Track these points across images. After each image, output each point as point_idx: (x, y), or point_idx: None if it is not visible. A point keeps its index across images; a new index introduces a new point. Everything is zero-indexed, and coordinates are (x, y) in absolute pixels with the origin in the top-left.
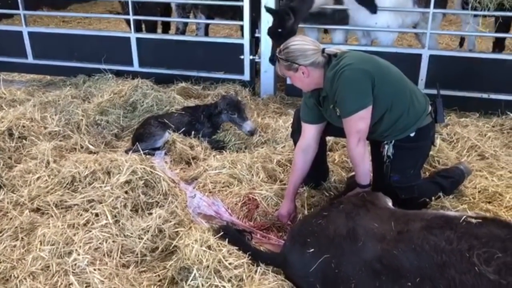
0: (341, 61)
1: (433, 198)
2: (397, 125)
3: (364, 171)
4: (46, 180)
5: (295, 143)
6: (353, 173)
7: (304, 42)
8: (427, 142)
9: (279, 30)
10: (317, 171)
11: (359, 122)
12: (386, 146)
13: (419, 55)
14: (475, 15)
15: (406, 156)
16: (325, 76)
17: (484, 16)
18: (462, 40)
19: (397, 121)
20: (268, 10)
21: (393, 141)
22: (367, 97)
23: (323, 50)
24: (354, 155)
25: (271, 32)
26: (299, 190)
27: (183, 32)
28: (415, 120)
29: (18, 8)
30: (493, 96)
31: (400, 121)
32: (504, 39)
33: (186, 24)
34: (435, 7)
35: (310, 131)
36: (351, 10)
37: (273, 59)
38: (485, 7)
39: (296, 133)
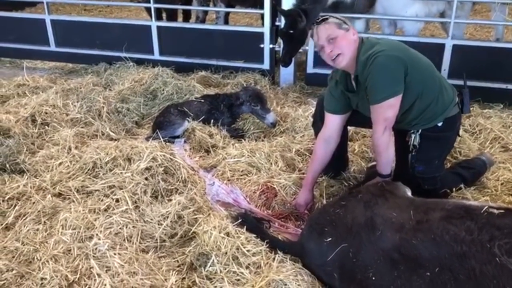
0: (375, 47)
1: (454, 189)
2: (426, 114)
3: (387, 161)
4: (68, 165)
5: (316, 133)
6: (373, 163)
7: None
8: (453, 133)
9: (291, 31)
10: (338, 161)
11: (388, 110)
12: (413, 136)
13: (442, 45)
14: (503, 3)
15: (432, 146)
16: (358, 59)
17: None
18: None
19: (426, 110)
20: (281, 11)
21: (419, 131)
22: (399, 84)
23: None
24: (379, 144)
25: (282, 33)
26: (318, 180)
27: (203, 21)
28: (443, 109)
29: None
30: None
31: (429, 110)
32: None
33: (206, 12)
34: None
35: (333, 121)
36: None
37: (284, 60)
38: None
39: (317, 123)
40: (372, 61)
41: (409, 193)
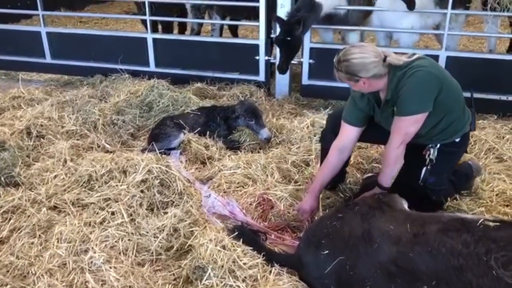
0: (415, 62)
1: (449, 199)
2: (449, 130)
3: (392, 174)
4: (63, 178)
5: (323, 148)
6: (369, 174)
7: (364, 55)
8: (465, 148)
9: (288, 38)
10: (338, 174)
11: (411, 125)
12: (432, 150)
13: (437, 56)
14: (495, 15)
15: (446, 160)
16: (392, 78)
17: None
18: None
19: (450, 126)
20: (277, 19)
21: (438, 145)
22: (429, 102)
23: (384, 59)
24: (391, 156)
25: (278, 40)
26: None
27: (198, 33)
28: (463, 125)
29: (37, 9)
30: None
31: (452, 127)
32: None
33: (201, 24)
34: (456, 7)
35: (351, 133)
36: (378, 11)
37: (281, 68)
38: (504, 8)
39: (325, 138)
40: (412, 74)
41: (405, 205)
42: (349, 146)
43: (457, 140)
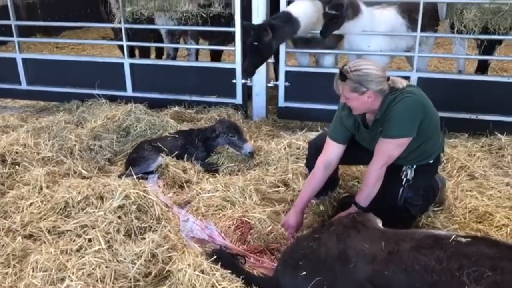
0: (406, 88)
1: (423, 216)
2: (425, 154)
3: (370, 194)
4: (39, 206)
5: (310, 170)
6: (345, 194)
7: (375, 68)
8: (438, 165)
9: (255, 43)
10: (330, 183)
11: (396, 148)
12: (409, 171)
13: (408, 77)
14: (463, 38)
15: (421, 177)
16: (384, 100)
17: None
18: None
19: (426, 151)
20: (246, 25)
21: (414, 166)
22: (415, 128)
23: (388, 78)
24: (373, 176)
25: (247, 45)
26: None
27: (174, 58)
28: (437, 149)
29: (12, 35)
30: (481, 117)
31: (429, 151)
32: (487, 61)
33: (176, 49)
34: (426, 30)
35: (336, 149)
36: (347, 34)
37: (245, 71)
38: (470, 31)
39: (310, 163)
40: (402, 99)
41: (380, 224)
42: (334, 162)
43: (431, 161)
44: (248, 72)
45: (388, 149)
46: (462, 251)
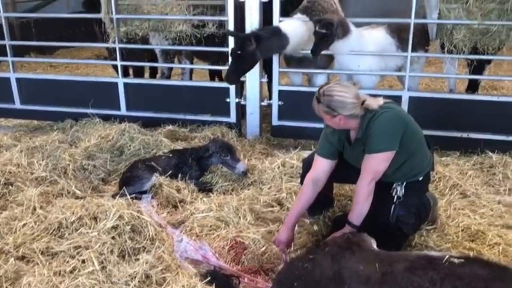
0: (384, 105)
1: (416, 235)
2: (412, 172)
3: (362, 212)
4: (32, 226)
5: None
6: (339, 213)
7: (347, 94)
8: (428, 183)
9: (238, 52)
10: (324, 202)
11: (381, 163)
12: (399, 188)
13: (399, 97)
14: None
15: (411, 195)
16: (363, 119)
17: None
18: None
19: (413, 169)
20: (230, 33)
21: (404, 183)
22: (397, 142)
23: (363, 102)
24: (363, 192)
25: (231, 53)
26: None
27: (168, 77)
28: (424, 167)
29: (6, 55)
30: (472, 135)
31: (415, 169)
32: (477, 80)
33: (171, 69)
34: (417, 50)
35: (323, 165)
36: (336, 54)
37: (227, 78)
38: (460, 51)
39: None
40: (380, 115)
41: (374, 245)
42: (322, 178)
43: (420, 179)
44: (230, 80)
45: (373, 164)
46: (455, 272)
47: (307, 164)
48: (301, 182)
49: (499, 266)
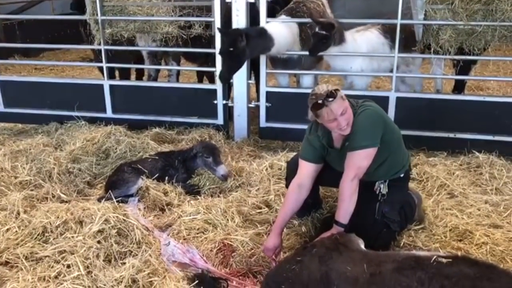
0: (363, 104)
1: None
2: (394, 168)
3: (348, 209)
4: (16, 231)
5: None
6: (327, 215)
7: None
8: (408, 180)
9: (230, 49)
10: (312, 205)
11: (363, 159)
12: (382, 185)
13: (387, 97)
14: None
15: (395, 191)
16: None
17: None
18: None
19: (395, 165)
20: (220, 31)
21: (387, 181)
22: (378, 138)
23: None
24: (346, 188)
25: (222, 51)
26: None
27: (155, 79)
28: (404, 164)
29: None
30: (459, 135)
31: (397, 165)
32: (463, 81)
33: (158, 70)
34: (410, 50)
35: (308, 170)
36: (327, 56)
37: (223, 77)
38: (446, 51)
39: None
40: (361, 112)
41: (362, 245)
42: (307, 182)
43: (402, 175)
44: (224, 78)
45: (356, 160)
46: (443, 272)
47: (292, 166)
48: (287, 186)
49: (486, 264)
